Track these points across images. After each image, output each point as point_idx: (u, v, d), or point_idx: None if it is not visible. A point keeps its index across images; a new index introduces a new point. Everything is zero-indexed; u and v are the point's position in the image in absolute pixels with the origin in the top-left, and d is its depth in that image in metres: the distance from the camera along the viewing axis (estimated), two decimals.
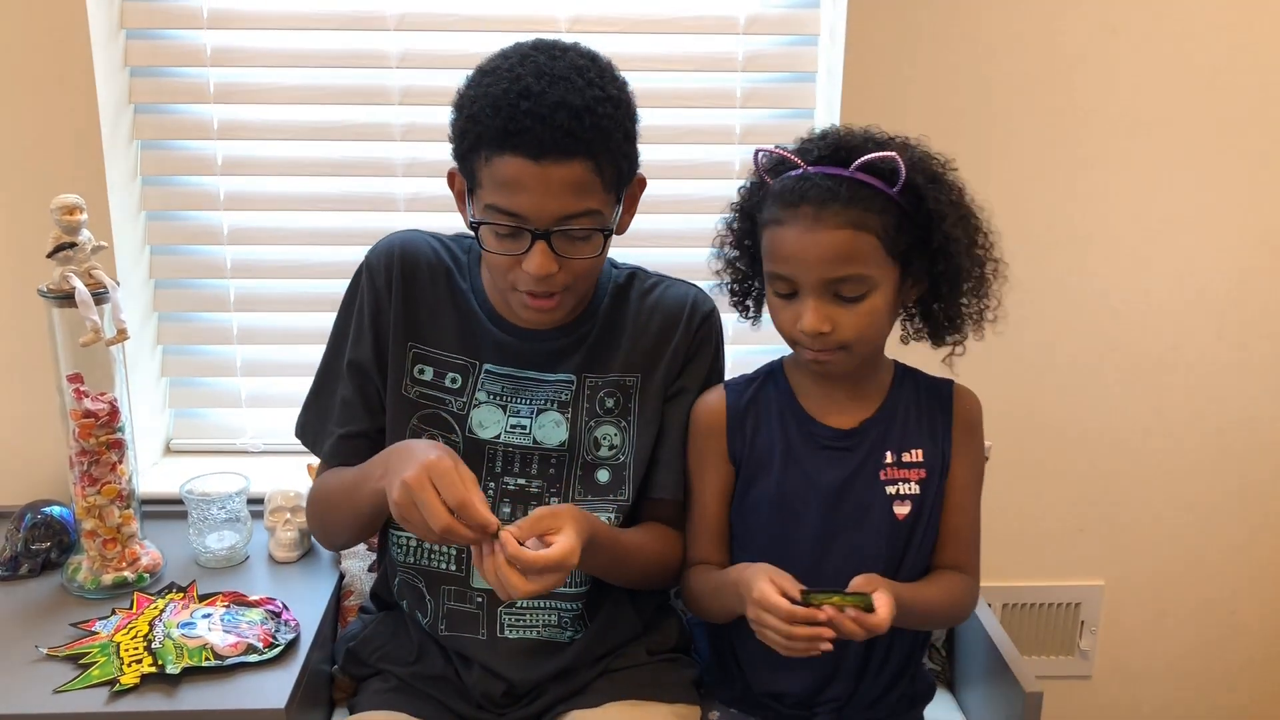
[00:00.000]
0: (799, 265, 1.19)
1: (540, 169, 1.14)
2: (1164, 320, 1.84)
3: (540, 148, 1.13)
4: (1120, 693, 2.04)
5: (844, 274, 1.17)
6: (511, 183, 1.15)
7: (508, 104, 1.13)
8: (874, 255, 1.18)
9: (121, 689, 1.25)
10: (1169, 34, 1.71)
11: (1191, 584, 1.99)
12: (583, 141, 1.14)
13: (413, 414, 1.32)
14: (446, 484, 1.09)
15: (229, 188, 1.80)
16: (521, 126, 1.12)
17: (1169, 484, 1.93)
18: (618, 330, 1.35)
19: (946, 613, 1.32)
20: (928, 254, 1.21)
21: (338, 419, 1.34)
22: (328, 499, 1.33)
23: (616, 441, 1.34)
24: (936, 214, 1.19)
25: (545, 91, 1.13)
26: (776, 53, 1.79)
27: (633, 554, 1.31)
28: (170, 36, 1.73)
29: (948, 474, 1.30)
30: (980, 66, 1.71)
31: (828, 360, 1.23)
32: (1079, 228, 1.79)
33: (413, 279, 1.33)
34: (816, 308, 1.19)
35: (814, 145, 1.24)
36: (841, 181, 1.17)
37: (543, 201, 1.16)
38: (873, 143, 1.22)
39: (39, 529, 1.52)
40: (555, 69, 1.15)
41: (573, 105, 1.13)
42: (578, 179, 1.15)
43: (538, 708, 1.33)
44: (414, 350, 1.32)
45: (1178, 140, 1.76)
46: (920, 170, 1.19)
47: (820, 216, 1.17)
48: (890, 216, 1.18)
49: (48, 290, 1.37)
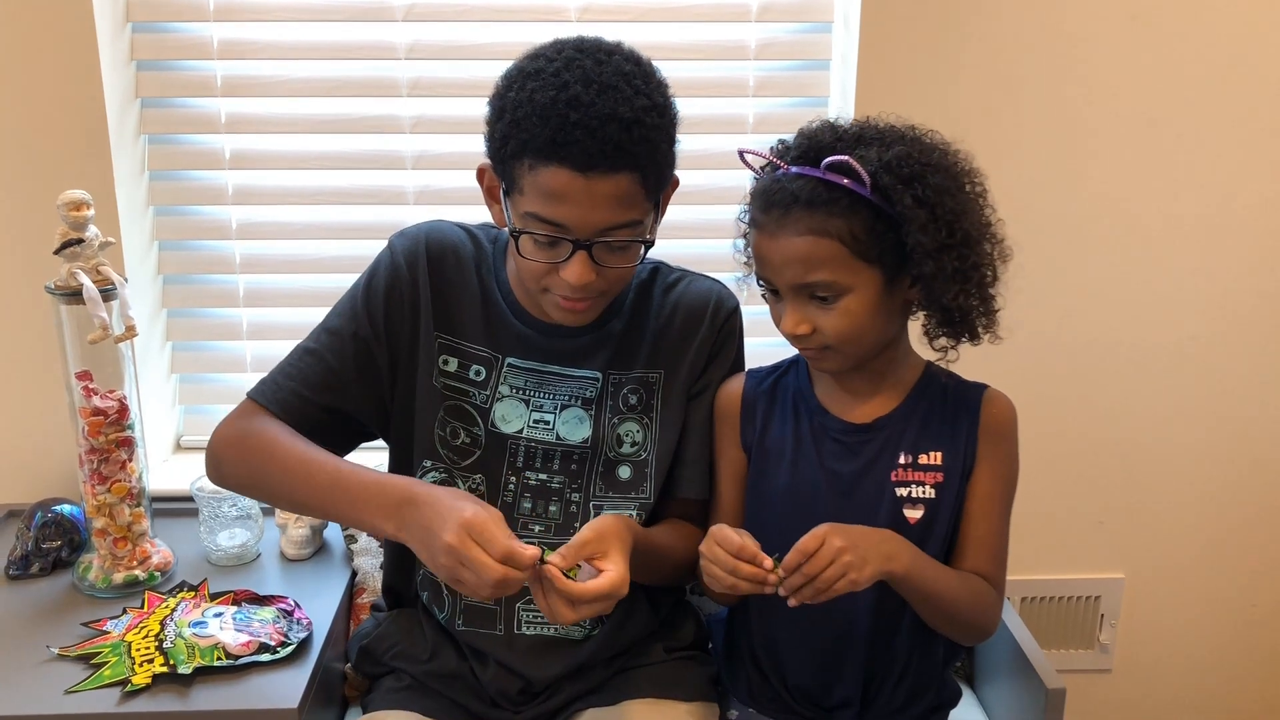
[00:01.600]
0: (770, 269, 1.19)
1: (586, 181, 1.11)
2: (1184, 312, 1.82)
3: (588, 161, 1.10)
4: (1140, 686, 2.03)
5: (810, 279, 1.16)
6: (556, 193, 1.13)
7: (556, 114, 1.10)
8: (837, 259, 1.15)
9: (133, 689, 1.24)
10: (1190, 20, 1.69)
11: (1212, 577, 1.97)
12: (630, 155, 1.12)
13: (440, 405, 1.30)
14: (489, 538, 1.06)
15: (237, 182, 1.78)
16: (571, 139, 1.10)
17: (1189, 476, 1.91)
18: (642, 327, 1.33)
19: (968, 605, 1.24)
20: (903, 257, 1.17)
21: (295, 372, 1.28)
22: (276, 458, 1.22)
23: (639, 438, 1.32)
24: (903, 217, 1.14)
25: (595, 102, 1.10)
26: (790, 40, 1.77)
27: (665, 555, 1.30)
28: (177, 30, 1.72)
29: (969, 480, 1.26)
30: (996, 53, 1.69)
31: (817, 358, 1.22)
32: (1097, 218, 1.76)
33: (440, 268, 1.31)
34: (792, 310, 1.19)
35: (795, 143, 1.21)
36: (807, 184, 1.15)
37: (587, 213, 1.14)
38: (848, 140, 1.18)
39: (49, 528, 1.51)
40: (603, 76, 1.12)
41: (622, 118, 1.10)
42: (623, 191, 1.14)
43: (554, 705, 1.32)
44: (440, 340, 1.30)
45: (1198, 130, 1.74)
46: (894, 170, 1.14)
47: (784, 221, 1.16)
48: (860, 219, 1.14)
49: (55, 287, 1.36)
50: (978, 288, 1.18)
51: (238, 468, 1.27)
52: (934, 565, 1.21)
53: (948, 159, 1.19)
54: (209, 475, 1.30)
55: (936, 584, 1.19)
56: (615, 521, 1.16)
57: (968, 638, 1.30)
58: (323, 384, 1.28)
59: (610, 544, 1.12)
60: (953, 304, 1.17)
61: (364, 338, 1.29)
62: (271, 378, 1.29)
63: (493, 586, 1.05)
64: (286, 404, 1.27)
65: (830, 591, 1.10)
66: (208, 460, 1.29)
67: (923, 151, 1.17)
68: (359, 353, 1.29)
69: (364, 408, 1.31)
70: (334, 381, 1.28)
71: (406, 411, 1.31)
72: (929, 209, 1.14)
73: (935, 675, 1.33)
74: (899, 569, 1.14)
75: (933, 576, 1.19)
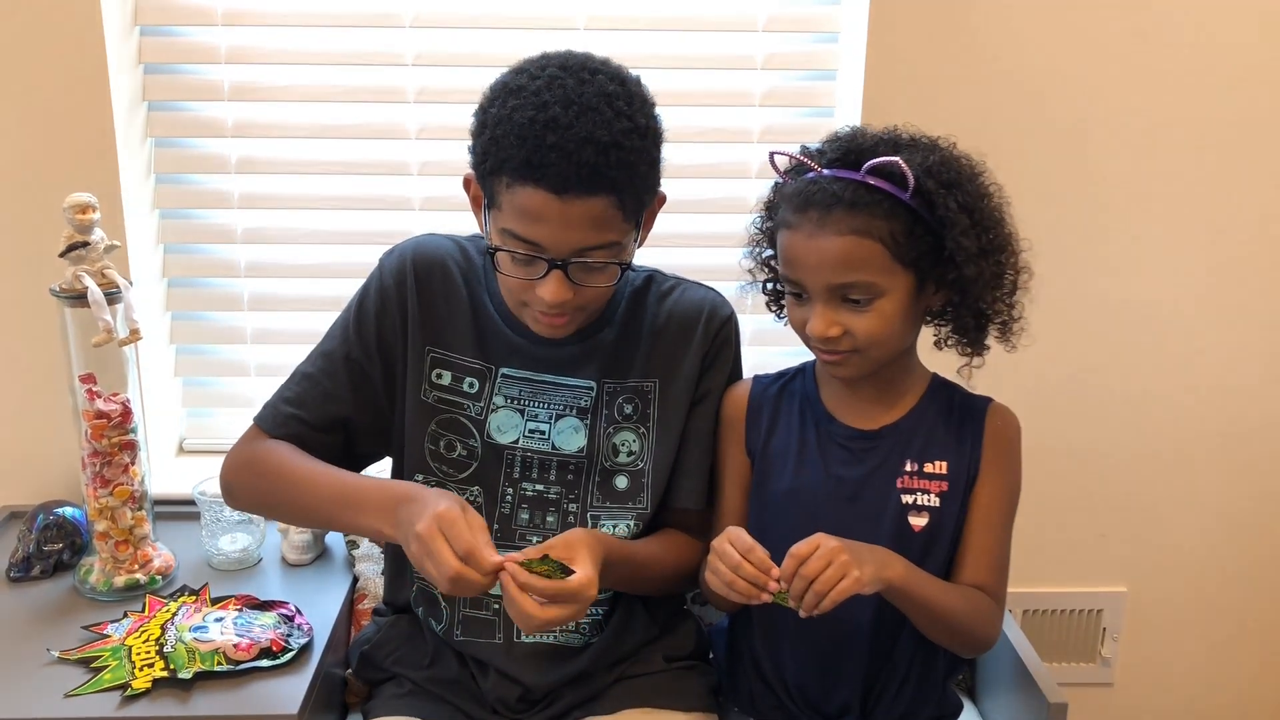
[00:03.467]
0: (804, 270, 1.18)
1: (562, 203, 1.11)
2: (1190, 325, 1.82)
3: (564, 183, 1.10)
4: (1142, 700, 2.02)
5: (849, 280, 1.16)
6: (532, 213, 1.13)
7: (533, 135, 1.10)
8: (879, 261, 1.15)
9: (133, 693, 1.24)
10: (1197, 32, 1.68)
11: (1215, 591, 1.96)
12: (607, 179, 1.11)
13: (431, 419, 1.30)
14: (455, 534, 1.08)
15: (243, 187, 1.78)
16: (546, 160, 1.09)
17: (1193, 490, 1.90)
18: (636, 335, 1.33)
19: (965, 617, 1.24)
20: (941, 261, 1.19)
21: (293, 397, 1.31)
22: (284, 477, 1.26)
23: (635, 448, 1.32)
24: (946, 221, 1.15)
25: (573, 125, 1.09)
26: (796, 51, 1.77)
27: (649, 566, 1.30)
28: (185, 34, 1.72)
29: (972, 491, 1.27)
30: (1003, 63, 1.69)
31: (840, 362, 1.21)
32: (1103, 229, 1.76)
33: (428, 283, 1.31)
34: (823, 312, 1.18)
35: (828, 146, 1.22)
36: (848, 185, 1.15)
37: (563, 234, 1.14)
38: (886, 144, 1.19)
39: (51, 530, 1.51)
40: (584, 97, 1.11)
41: (600, 141, 1.10)
42: (599, 213, 1.13)
43: (553, 713, 1.31)
44: (432, 355, 1.31)
45: (1207, 141, 1.73)
46: (935, 175, 1.16)
47: (825, 222, 1.15)
48: (900, 222, 1.15)
49: (60, 290, 1.36)
50: (1009, 294, 1.21)
51: (250, 491, 1.31)
52: (929, 578, 1.21)
53: (974, 168, 1.21)
54: (225, 502, 1.35)
55: (933, 596, 1.20)
56: (583, 533, 1.20)
57: (968, 649, 1.29)
58: (320, 408, 1.30)
59: (577, 550, 1.14)
60: (990, 309, 1.20)
61: (356, 359, 1.30)
62: (272, 403, 1.32)
63: (449, 582, 1.07)
64: (289, 429, 1.29)
65: (836, 593, 1.09)
66: (221, 488, 1.34)
67: (955, 160, 1.20)
68: (353, 375, 1.30)
69: (364, 428, 1.32)
70: (331, 405, 1.30)
71: (404, 428, 1.32)
72: (969, 214, 1.16)
73: (936, 687, 1.33)
74: (895, 577, 1.15)
75: (929, 588, 1.20)
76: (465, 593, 1.09)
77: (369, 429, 1.32)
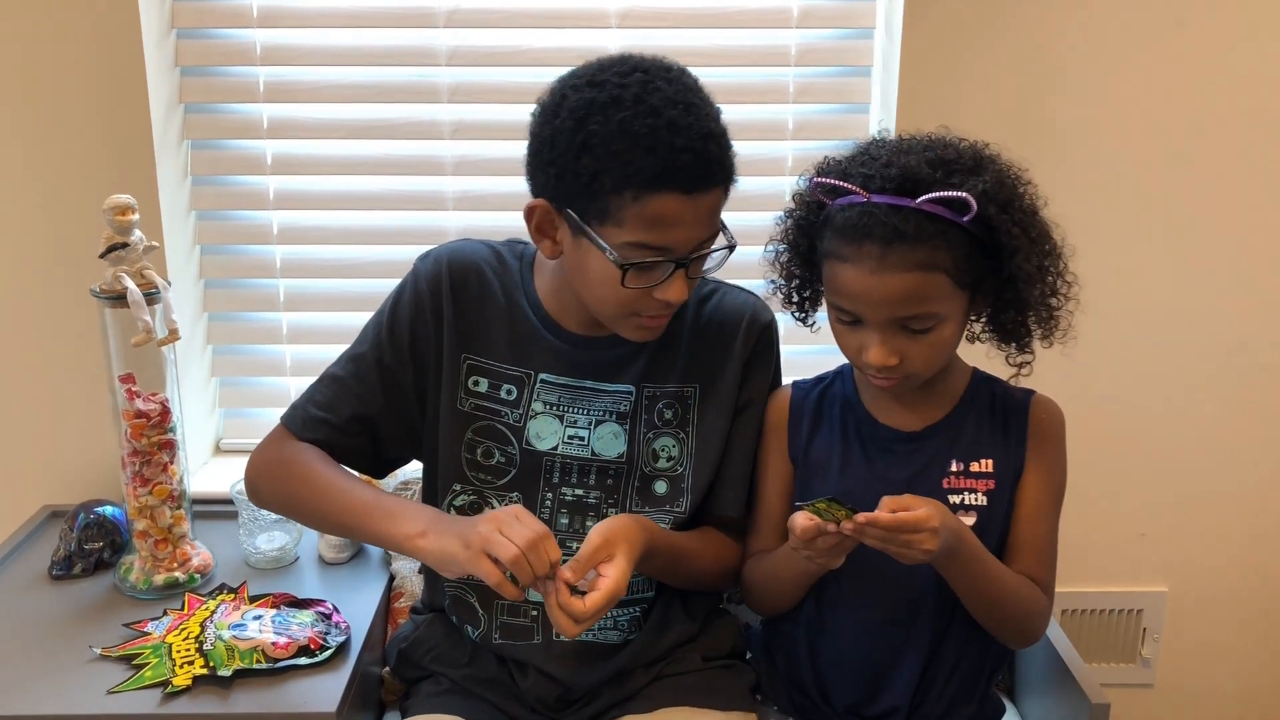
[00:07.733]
0: (864, 304, 1.15)
1: (693, 202, 1.12)
2: (1230, 320, 1.79)
3: (694, 182, 1.11)
4: (1183, 702, 1.99)
5: (913, 313, 1.14)
6: (667, 219, 1.12)
7: (661, 142, 1.09)
8: (944, 291, 1.14)
9: (174, 690, 1.25)
10: (1236, 26, 1.66)
11: (1257, 591, 1.93)
12: (724, 167, 1.15)
13: (468, 427, 1.30)
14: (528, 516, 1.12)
15: (279, 187, 1.79)
16: (678, 164, 1.10)
17: (1233, 488, 1.87)
18: (675, 340, 1.32)
19: (1017, 600, 1.22)
20: (998, 280, 1.17)
21: (322, 400, 1.31)
22: (309, 483, 1.26)
23: (675, 453, 1.32)
24: (1009, 248, 1.13)
25: (691, 124, 1.11)
26: (831, 46, 1.76)
27: (689, 559, 1.30)
28: (221, 36, 1.73)
29: (1018, 484, 1.25)
30: (1040, 59, 1.67)
31: (890, 383, 1.20)
32: (1141, 223, 1.74)
33: (463, 289, 1.30)
34: (884, 341, 1.16)
35: (876, 172, 1.15)
36: (908, 217, 1.11)
37: (694, 232, 1.15)
38: (942, 168, 1.14)
39: (92, 529, 1.53)
40: (681, 95, 1.12)
41: (714, 134, 1.13)
42: (717, 204, 1.16)
43: (591, 711, 1.31)
44: (468, 362, 1.30)
45: (1248, 135, 1.70)
46: (993, 198, 1.13)
47: (886, 258, 1.12)
48: (961, 248, 1.13)
49: (100, 290, 1.37)
50: (1060, 303, 1.19)
51: (273, 492, 1.32)
52: (991, 556, 1.21)
53: (1019, 177, 1.19)
54: (249, 498, 1.35)
55: (992, 568, 1.20)
56: (625, 522, 1.19)
57: (1017, 639, 1.28)
58: (349, 411, 1.30)
59: (617, 547, 1.15)
60: (1051, 317, 1.19)
61: (388, 365, 1.30)
62: (301, 405, 1.32)
63: (533, 536, 1.09)
64: (316, 431, 1.30)
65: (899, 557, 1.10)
66: (246, 485, 1.35)
67: (1004, 174, 1.17)
68: (384, 379, 1.30)
69: (393, 433, 1.32)
70: (360, 409, 1.30)
71: (437, 434, 1.31)
72: (1025, 232, 1.14)
73: (980, 686, 1.31)
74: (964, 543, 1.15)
75: (990, 561, 1.20)
76: (530, 570, 1.09)
77: (398, 433, 1.32)
